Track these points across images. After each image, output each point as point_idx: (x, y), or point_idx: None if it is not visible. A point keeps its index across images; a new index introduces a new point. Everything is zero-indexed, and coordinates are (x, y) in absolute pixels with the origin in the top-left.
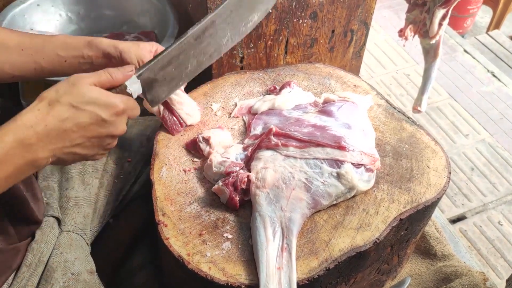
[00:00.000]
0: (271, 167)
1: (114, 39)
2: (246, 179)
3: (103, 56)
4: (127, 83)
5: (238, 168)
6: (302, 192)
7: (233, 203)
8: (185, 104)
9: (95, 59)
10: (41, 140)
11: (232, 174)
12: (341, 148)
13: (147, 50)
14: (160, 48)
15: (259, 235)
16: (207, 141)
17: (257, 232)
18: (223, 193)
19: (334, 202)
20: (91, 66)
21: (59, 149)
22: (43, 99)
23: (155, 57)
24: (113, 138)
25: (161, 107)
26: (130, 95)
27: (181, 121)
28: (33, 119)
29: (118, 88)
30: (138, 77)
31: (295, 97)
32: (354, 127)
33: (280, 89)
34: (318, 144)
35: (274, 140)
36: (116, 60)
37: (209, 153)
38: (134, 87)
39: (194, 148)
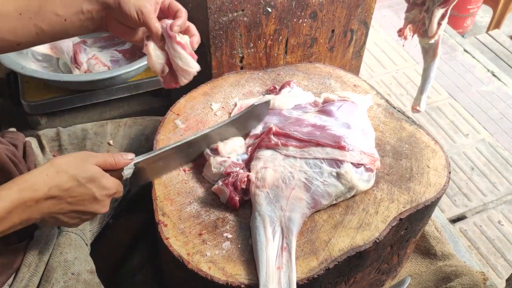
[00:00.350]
0: (271, 166)
1: (112, 42)
2: (246, 178)
3: (102, 8)
4: (124, 170)
5: (238, 169)
6: (302, 191)
7: (233, 203)
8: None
9: (95, 13)
10: (39, 204)
11: (232, 174)
12: (341, 147)
13: (151, 1)
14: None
15: (259, 235)
16: (215, 151)
17: (256, 231)
18: (223, 193)
19: (334, 202)
20: (92, 21)
21: (49, 214)
22: (53, 165)
23: (153, 151)
24: (95, 215)
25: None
26: (121, 177)
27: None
28: (41, 183)
29: (115, 171)
30: (134, 164)
31: (294, 96)
32: (354, 126)
33: (280, 89)
34: (318, 144)
35: (274, 139)
36: (116, 12)
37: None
38: (128, 172)
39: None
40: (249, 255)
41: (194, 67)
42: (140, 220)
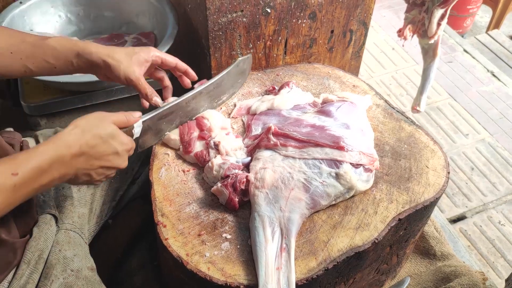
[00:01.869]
0: (270, 167)
1: (111, 43)
2: (245, 179)
3: (91, 66)
4: (134, 125)
5: (237, 170)
6: (301, 192)
7: (233, 204)
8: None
9: (84, 69)
10: (73, 159)
11: (231, 175)
12: (340, 148)
13: (140, 62)
14: (157, 53)
15: (258, 236)
16: (216, 146)
17: (256, 232)
18: (222, 194)
19: (333, 203)
20: (80, 71)
21: (81, 170)
22: (77, 126)
23: (155, 110)
24: (116, 169)
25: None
26: (132, 135)
27: None
28: (71, 140)
29: (127, 128)
30: (142, 122)
31: (294, 97)
32: (353, 127)
33: (279, 89)
34: (317, 144)
35: (273, 139)
36: (105, 71)
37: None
38: (137, 130)
39: (201, 157)
40: (248, 256)
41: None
42: (139, 221)
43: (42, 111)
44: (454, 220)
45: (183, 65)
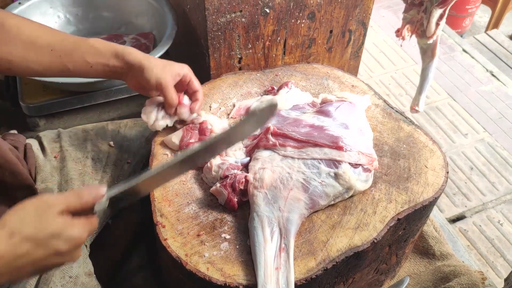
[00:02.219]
0: (269, 167)
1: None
2: (244, 180)
3: (126, 67)
4: (96, 207)
5: (236, 171)
6: (300, 192)
7: (232, 204)
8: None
9: (119, 69)
10: None
11: (230, 176)
12: (339, 148)
13: (173, 73)
14: (189, 71)
15: (257, 236)
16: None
17: (255, 232)
18: (221, 195)
19: (332, 202)
20: (114, 74)
21: (5, 278)
22: (5, 227)
23: (130, 181)
24: (65, 264)
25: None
26: (94, 213)
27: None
28: None
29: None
30: (107, 199)
31: (293, 97)
32: (352, 127)
33: (278, 90)
34: (315, 144)
35: (272, 139)
36: (137, 74)
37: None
38: (101, 205)
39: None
40: (247, 256)
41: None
42: (138, 221)
43: (41, 111)
44: (454, 220)
45: (200, 96)
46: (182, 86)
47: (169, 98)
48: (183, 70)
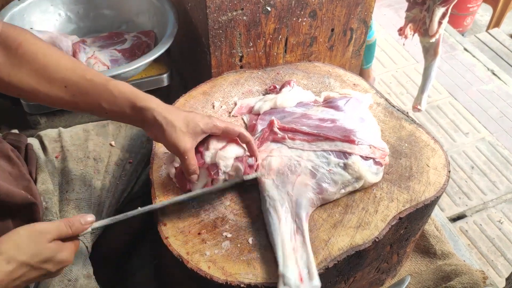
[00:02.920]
0: (277, 155)
1: (111, 41)
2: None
3: (144, 123)
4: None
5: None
6: (307, 178)
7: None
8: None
9: (137, 121)
10: None
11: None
12: (350, 141)
13: (196, 132)
14: (218, 123)
15: (271, 217)
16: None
17: (268, 214)
18: (239, 169)
19: (343, 191)
20: (132, 123)
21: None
22: (1, 254)
23: (116, 217)
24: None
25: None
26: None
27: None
28: None
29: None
30: (92, 230)
31: (295, 95)
32: (364, 120)
33: (281, 88)
34: (326, 138)
35: (280, 133)
36: (155, 132)
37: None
38: (86, 232)
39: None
40: (249, 255)
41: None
42: (140, 220)
43: (42, 109)
44: (454, 219)
45: (246, 136)
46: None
47: (185, 166)
48: (209, 126)
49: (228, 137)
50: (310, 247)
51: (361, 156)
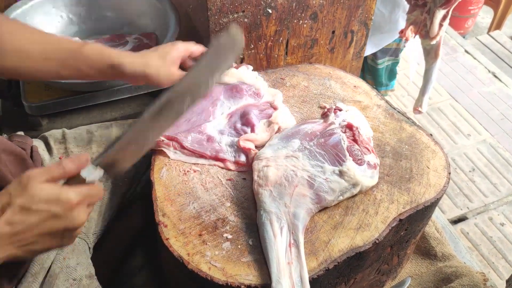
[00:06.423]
0: (273, 165)
1: (113, 43)
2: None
3: (128, 79)
4: (84, 174)
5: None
6: (305, 188)
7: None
8: None
9: (118, 77)
10: None
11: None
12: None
13: (173, 61)
14: (184, 46)
15: (266, 232)
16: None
17: (263, 228)
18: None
19: (341, 198)
20: (114, 78)
21: (13, 249)
22: None
23: (113, 142)
24: (71, 230)
25: None
26: (90, 182)
27: None
28: None
29: (75, 178)
30: (96, 164)
31: (241, 73)
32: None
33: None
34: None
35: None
36: (141, 80)
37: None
38: (94, 174)
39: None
40: (249, 256)
41: None
42: (140, 221)
43: (43, 111)
44: (455, 221)
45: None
46: (185, 61)
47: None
48: (179, 51)
49: (195, 56)
50: (305, 261)
51: (354, 161)
